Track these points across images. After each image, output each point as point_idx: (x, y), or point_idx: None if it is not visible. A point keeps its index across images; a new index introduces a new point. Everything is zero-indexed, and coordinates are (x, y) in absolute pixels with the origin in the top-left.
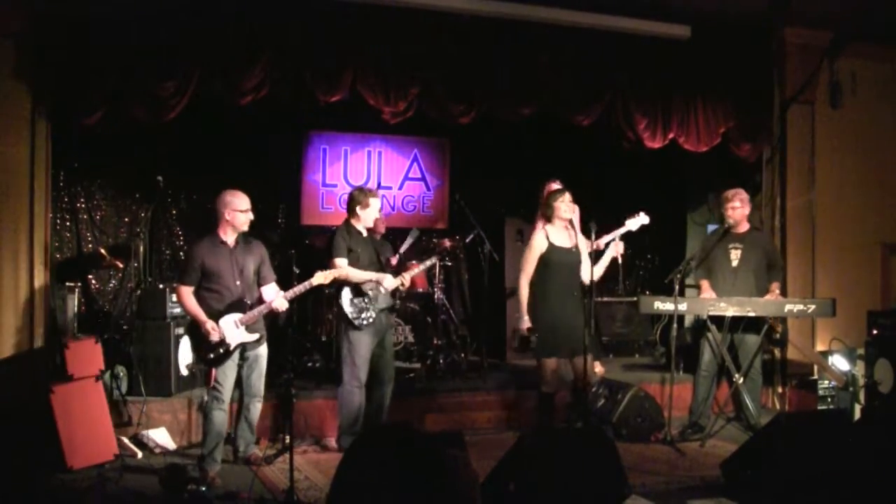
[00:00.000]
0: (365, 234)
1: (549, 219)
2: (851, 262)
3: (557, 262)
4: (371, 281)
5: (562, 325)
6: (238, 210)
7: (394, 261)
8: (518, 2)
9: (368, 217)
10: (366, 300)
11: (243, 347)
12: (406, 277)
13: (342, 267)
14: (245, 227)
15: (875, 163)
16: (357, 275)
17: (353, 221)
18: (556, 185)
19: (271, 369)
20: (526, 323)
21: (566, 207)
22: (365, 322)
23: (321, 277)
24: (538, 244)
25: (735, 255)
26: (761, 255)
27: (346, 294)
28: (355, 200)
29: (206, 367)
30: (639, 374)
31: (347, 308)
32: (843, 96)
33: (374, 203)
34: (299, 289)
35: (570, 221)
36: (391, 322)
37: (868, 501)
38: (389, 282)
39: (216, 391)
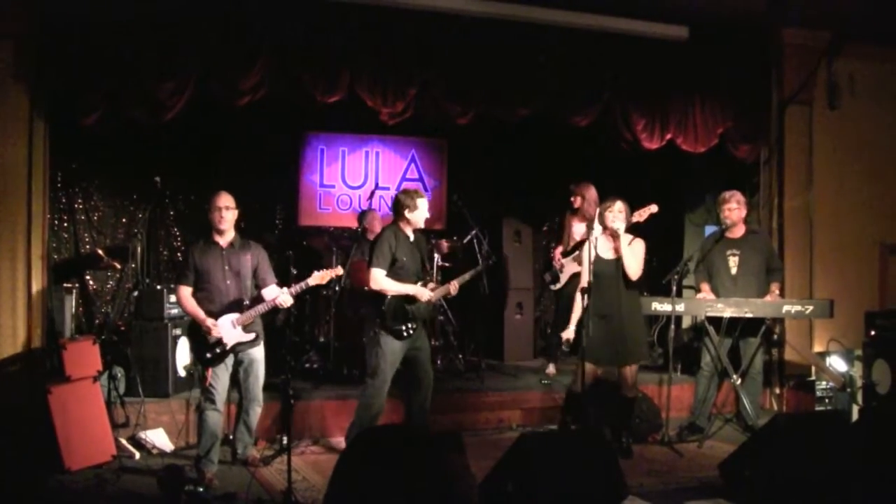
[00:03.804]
0: (412, 237)
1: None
2: (849, 263)
3: (600, 273)
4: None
5: (605, 335)
6: (212, 207)
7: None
8: (516, 2)
9: (418, 219)
10: (410, 312)
11: (236, 350)
12: (455, 286)
13: (377, 279)
14: (221, 226)
15: (873, 163)
16: (394, 288)
17: (402, 225)
18: (590, 187)
19: (269, 370)
20: (567, 333)
21: (612, 217)
22: (405, 334)
23: (318, 278)
24: (587, 256)
25: (734, 262)
26: (760, 260)
27: (391, 302)
28: (402, 204)
29: (202, 366)
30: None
31: (389, 316)
32: (841, 97)
33: (423, 204)
34: (297, 288)
35: (617, 232)
36: (422, 327)
37: (866, 502)
38: (426, 296)
39: (209, 392)
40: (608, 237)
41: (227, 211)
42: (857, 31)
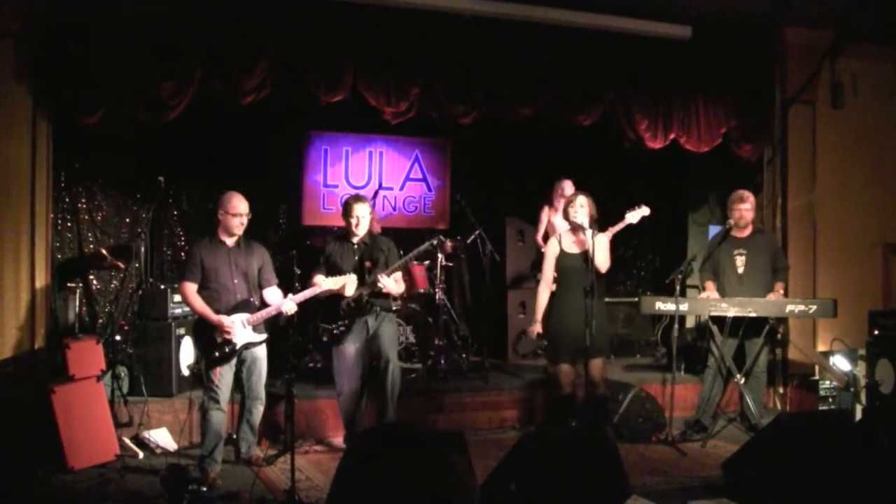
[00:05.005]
0: (356, 240)
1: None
2: (853, 263)
3: (567, 268)
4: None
5: (572, 331)
6: (229, 213)
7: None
8: (518, 2)
9: (350, 226)
10: (340, 310)
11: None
12: (380, 279)
13: (320, 283)
14: (237, 231)
15: (876, 163)
16: (327, 285)
17: (348, 228)
18: (567, 184)
19: (272, 370)
20: (536, 328)
21: (573, 212)
22: (335, 331)
23: (330, 283)
24: (551, 250)
25: (740, 262)
26: (766, 260)
27: (326, 304)
28: (342, 207)
29: (209, 366)
30: (640, 375)
31: (322, 317)
32: (844, 96)
33: (357, 211)
34: (307, 293)
35: (581, 226)
36: (384, 317)
37: (869, 502)
38: (349, 290)
39: (212, 391)
40: (572, 231)
41: (245, 217)
42: (859, 30)
